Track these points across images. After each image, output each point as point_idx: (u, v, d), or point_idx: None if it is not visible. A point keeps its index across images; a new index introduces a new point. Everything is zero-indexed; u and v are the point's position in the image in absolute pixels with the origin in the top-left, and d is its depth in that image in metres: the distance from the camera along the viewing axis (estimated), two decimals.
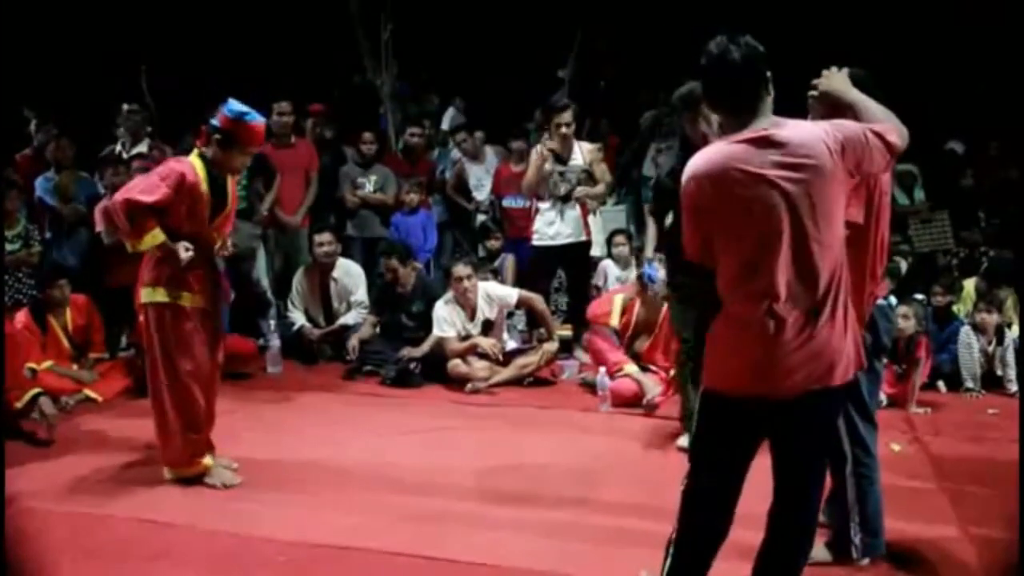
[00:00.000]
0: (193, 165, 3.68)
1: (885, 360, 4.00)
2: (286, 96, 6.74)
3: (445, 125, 8.71)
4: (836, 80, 2.69)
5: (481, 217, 7.75)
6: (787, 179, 2.30)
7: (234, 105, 3.72)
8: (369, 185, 7.07)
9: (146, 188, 3.65)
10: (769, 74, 2.39)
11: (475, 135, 7.87)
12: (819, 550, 3.04)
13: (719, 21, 2.61)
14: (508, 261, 7.04)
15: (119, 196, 3.69)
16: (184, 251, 3.68)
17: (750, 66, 2.36)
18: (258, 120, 3.75)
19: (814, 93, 2.74)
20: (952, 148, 8.25)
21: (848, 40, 7.72)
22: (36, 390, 4.79)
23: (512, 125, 7.99)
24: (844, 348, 2.39)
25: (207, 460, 3.88)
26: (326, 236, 6.39)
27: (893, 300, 3.10)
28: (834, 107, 2.65)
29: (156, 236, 3.68)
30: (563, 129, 5.99)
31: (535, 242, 6.25)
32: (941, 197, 7.39)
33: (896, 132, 2.46)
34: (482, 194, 7.72)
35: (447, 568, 3.13)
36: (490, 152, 7.94)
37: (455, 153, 8.17)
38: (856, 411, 2.96)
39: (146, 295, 3.77)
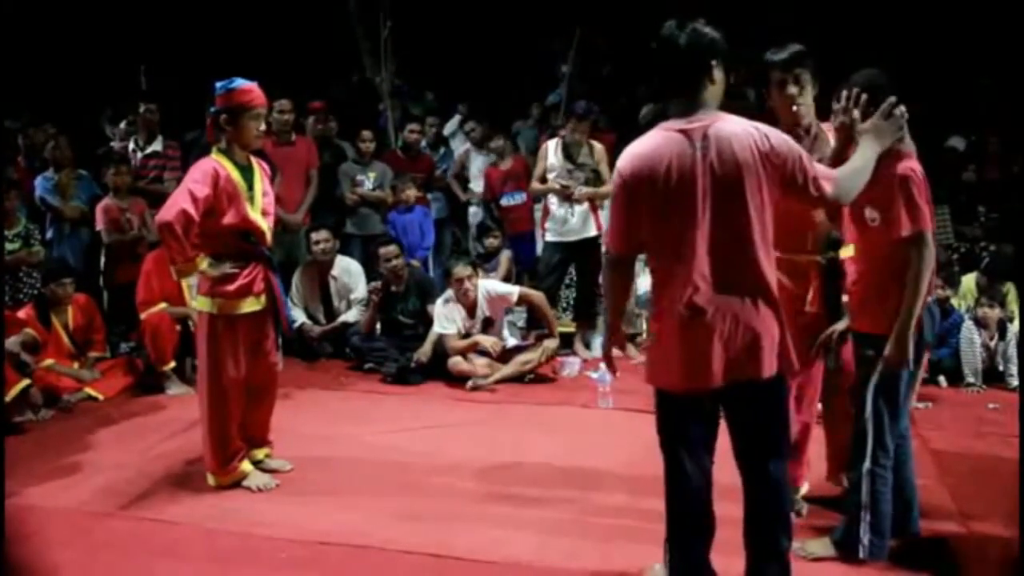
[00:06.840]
0: (218, 160, 3.71)
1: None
2: (286, 94, 6.73)
3: (447, 130, 8.71)
4: (882, 134, 2.66)
5: (474, 211, 7.76)
6: (712, 173, 2.32)
7: (220, 83, 3.75)
8: (368, 182, 7.06)
9: (172, 203, 3.61)
10: (715, 63, 2.37)
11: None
12: (824, 545, 3.06)
13: (720, 18, 2.60)
14: (503, 256, 7.05)
15: (157, 221, 3.65)
16: (229, 268, 3.73)
17: (694, 53, 2.36)
18: (246, 82, 3.76)
19: (858, 122, 2.70)
20: (953, 145, 8.22)
21: (848, 36, 7.71)
22: (26, 382, 4.79)
23: (509, 122, 8.00)
24: (770, 341, 2.39)
25: (244, 466, 3.90)
26: (322, 234, 6.39)
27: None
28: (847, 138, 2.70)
29: (199, 262, 3.72)
30: (577, 136, 6.17)
31: (548, 237, 6.36)
32: (940, 193, 7.37)
33: (836, 185, 2.44)
34: (479, 186, 7.73)
35: (450, 565, 3.13)
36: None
37: (456, 142, 8.19)
38: (887, 410, 2.90)
39: (201, 304, 3.78)
